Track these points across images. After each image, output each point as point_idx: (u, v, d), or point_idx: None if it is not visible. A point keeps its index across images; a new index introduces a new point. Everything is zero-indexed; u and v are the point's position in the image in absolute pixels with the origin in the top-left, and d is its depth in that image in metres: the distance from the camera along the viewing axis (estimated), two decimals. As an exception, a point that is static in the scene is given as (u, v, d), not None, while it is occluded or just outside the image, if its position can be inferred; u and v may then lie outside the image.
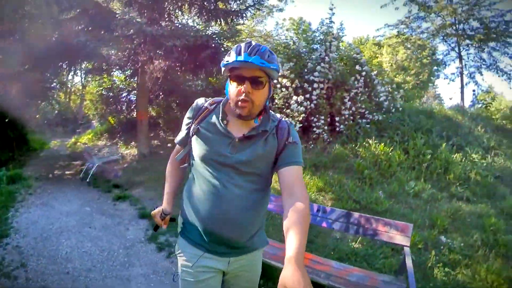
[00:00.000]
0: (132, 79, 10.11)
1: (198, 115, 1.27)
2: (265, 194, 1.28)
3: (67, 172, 7.02)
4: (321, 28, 6.98)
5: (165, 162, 1.46)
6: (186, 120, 1.32)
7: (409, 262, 2.14)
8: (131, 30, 4.72)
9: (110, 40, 5.26)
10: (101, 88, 10.91)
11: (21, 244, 3.30)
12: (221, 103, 1.26)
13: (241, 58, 1.10)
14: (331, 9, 6.74)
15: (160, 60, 5.95)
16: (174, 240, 3.59)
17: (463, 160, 5.25)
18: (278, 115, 1.30)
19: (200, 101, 1.32)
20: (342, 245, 3.41)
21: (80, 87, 11.41)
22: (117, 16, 4.80)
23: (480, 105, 9.27)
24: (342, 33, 7.14)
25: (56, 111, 14.12)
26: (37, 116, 12.00)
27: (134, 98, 11.05)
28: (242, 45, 1.15)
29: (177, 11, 7.13)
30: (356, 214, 2.57)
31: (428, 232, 3.53)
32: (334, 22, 6.82)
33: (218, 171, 1.19)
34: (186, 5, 7.17)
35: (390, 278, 2.27)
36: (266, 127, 1.21)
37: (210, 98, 1.34)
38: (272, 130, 1.23)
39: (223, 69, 1.20)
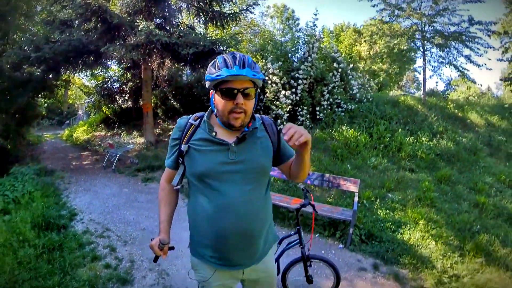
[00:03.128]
0: (128, 72, 11.43)
1: (184, 134, 1.34)
2: (268, 191, 1.41)
3: (84, 163, 8.46)
4: (305, 30, 8.70)
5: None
6: (172, 142, 1.39)
7: (355, 199, 4.03)
8: (150, 39, 6.21)
9: (128, 46, 6.71)
10: (99, 81, 12.12)
11: (93, 218, 4.60)
12: (205, 116, 1.36)
13: (233, 71, 1.16)
14: (315, 15, 8.45)
15: (169, 62, 7.50)
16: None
17: (414, 142, 7.28)
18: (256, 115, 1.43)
19: (182, 120, 1.40)
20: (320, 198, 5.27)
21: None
22: (138, 28, 6.27)
23: (449, 91, 11.53)
24: (329, 37, 8.93)
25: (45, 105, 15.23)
26: (43, 112, 13.19)
27: (128, 89, 12.35)
28: (227, 57, 1.22)
29: (177, 14, 8.54)
30: (327, 174, 4.44)
31: (378, 191, 5.49)
32: (317, 26, 8.58)
33: (223, 182, 1.26)
34: (185, 7, 8.63)
35: (347, 209, 4.18)
36: (255, 125, 1.35)
37: (190, 114, 1.43)
38: (260, 126, 1.39)
39: (208, 83, 1.26)
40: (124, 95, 12.34)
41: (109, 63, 10.92)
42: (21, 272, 2.98)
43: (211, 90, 1.31)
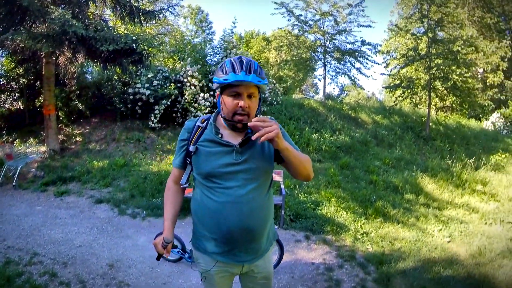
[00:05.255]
0: (20, 66, 9.67)
1: (192, 136, 1.43)
2: (270, 190, 1.48)
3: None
4: (224, 36, 9.15)
5: (82, 157, 2.37)
6: (180, 143, 1.48)
7: (282, 186, 4.65)
8: (65, 30, 5.50)
9: (38, 35, 5.81)
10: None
11: (11, 245, 3.84)
12: (211, 119, 1.44)
13: (240, 77, 1.25)
14: (234, 23, 8.99)
15: (82, 57, 6.82)
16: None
17: (318, 138, 8.54)
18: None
19: (190, 122, 1.49)
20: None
21: None
22: (52, 15, 5.43)
23: (342, 95, 13.72)
24: (240, 42, 9.57)
25: None
26: None
27: (18, 87, 10.43)
28: (234, 62, 1.30)
29: (90, 4, 7.72)
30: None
31: (296, 180, 6.30)
32: (234, 33, 9.11)
33: (228, 181, 1.34)
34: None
35: (275, 196, 4.76)
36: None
37: (198, 117, 1.55)
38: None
39: (215, 85, 1.35)
40: (13, 94, 10.37)
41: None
42: None
43: (217, 92, 1.42)
